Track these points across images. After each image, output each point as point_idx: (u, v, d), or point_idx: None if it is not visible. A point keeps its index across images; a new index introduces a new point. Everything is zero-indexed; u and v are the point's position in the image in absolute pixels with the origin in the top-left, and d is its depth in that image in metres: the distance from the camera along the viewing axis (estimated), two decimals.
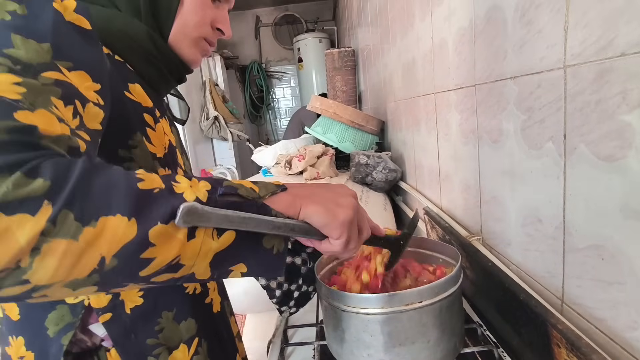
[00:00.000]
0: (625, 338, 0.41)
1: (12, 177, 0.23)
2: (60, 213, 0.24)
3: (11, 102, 0.27)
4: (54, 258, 0.24)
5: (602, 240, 0.42)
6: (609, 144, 0.40)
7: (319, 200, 0.39)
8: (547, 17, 0.48)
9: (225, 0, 0.55)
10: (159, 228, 0.28)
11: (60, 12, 0.35)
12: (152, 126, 0.47)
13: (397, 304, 0.47)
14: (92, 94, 0.35)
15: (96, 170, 0.27)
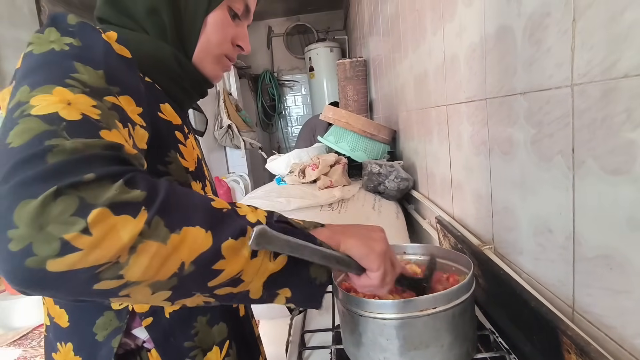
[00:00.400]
0: (634, 345, 0.42)
1: (115, 184, 0.27)
2: (154, 219, 0.28)
3: (95, 121, 0.31)
4: (147, 257, 0.27)
5: (610, 251, 0.44)
6: (615, 159, 0.42)
7: (355, 235, 0.42)
8: (554, 37, 0.51)
9: (245, 18, 0.58)
10: (230, 243, 0.31)
11: (108, 42, 0.39)
12: (184, 142, 0.51)
13: (412, 310, 0.50)
14: (137, 117, 0.39)
15: (177, 187, 0.32)
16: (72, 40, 0.37)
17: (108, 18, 0.51)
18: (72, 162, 0.27)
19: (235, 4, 0.54)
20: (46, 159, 0.26)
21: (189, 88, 0.55)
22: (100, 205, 0.26)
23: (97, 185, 0.26)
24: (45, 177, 0.25)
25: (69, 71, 0.34)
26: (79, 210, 0.25)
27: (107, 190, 0.27)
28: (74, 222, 0.25)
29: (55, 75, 0.33)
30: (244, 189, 3.37)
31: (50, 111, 0.30)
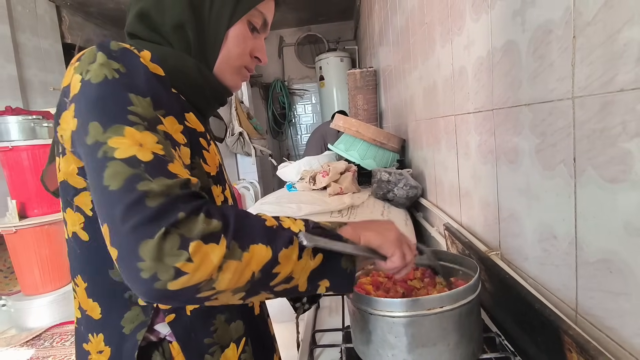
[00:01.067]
0: (632, 344, 0.45)
1: (200, 218, 0.35)
2: (231, 243, 0.36)
3: (162, 157, 0.39)
4: (230, 273, 0.36)
5: (610, 255, 0.47)
6: (613, 167, 0.45)
7: (371, 229, 0.50)
8: (556, 53, 0.54)
9: (263, 31, 0.61)
10: (284, 251, 0.40)
11: (146, 65, 0.44)
12: (207, 148, 0.54)
13: (420, 309, 0.53)
14: (179, 135, 0.45)
15: (239, 212, 0.39)
16: (119, 65, 0.42)
17: (137, 33, 0.55)
18: (166, 205, 0.35)
19: (254, 18, 0.57)
20: (146, 203, 0.35)
21: (210, 97, 0.58)
22: (195, 238, 0.34)
23: (188, 222, 0.35)
24: (153, 219, 0.34)
25: (126, 104, 0.40)
26: (182, 245, 0.34)
27: (196, 225, 0.35)
28: (181, 254, 0.34)
29: (117, 110, 0.40)
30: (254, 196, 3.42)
31: (129, 154, 0.37)
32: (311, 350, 0.69)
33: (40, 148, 2.61)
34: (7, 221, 2.51)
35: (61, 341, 2.51)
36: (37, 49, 3.33)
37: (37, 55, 3.32)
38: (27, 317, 2.61)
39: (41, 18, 3.43)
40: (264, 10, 0.58)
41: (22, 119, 2.55)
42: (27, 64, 3.18)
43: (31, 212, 2.61)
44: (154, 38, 0.55)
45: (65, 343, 2.48)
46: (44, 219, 2.59)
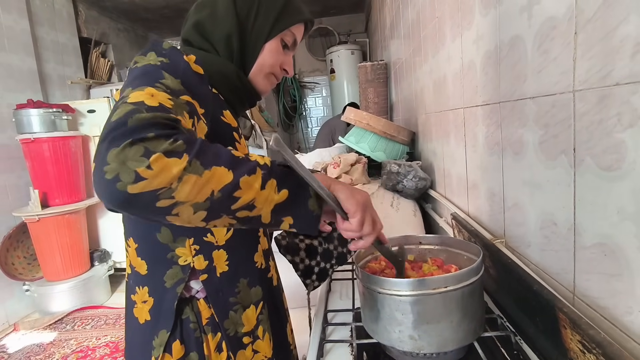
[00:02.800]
0: (623, 322, 0.48)
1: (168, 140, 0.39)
2: (193, 160, 0.40)
3: (168, 108, 0.45)
4: (189, 185, 0.39)
5: (605, 239, 0.50)
6: (609, 157, 0.47)
7: (342, 184, 0.54)
8: (559, 48, 0.56)
9: (292, 48, 0.71)
10: (245, 178, 0.43)
11: (188, 62, 0.54)
12: (239, 141, 0.64)
13: (425, 288, 0.56)
14: (201, 115, 0.53)
15: (209, 144, 0.43)
16: (163, 59, 0.53)
17: (191, 40, 0.66)
18: (142, 125, 0.39)
19: (287, 37, 0.68)
20: (127, 123, 0.39)
21: (244, 99, 0.69)
22: (158, 151, 0.38)
23: (155, 140, 0.39)
24: (125, 134, 0.38)
25: (159, 77, 0.49)
26: (144, 154, 0.37)
27: (162, 144, 0.39)
28: (142, 160, 0.37)
29: (149, 79, 0.48)
30: None
31: (139, 99, 0.43)
32: (323, 328, 0.74)
33: (61, 140, 2.70)
34: (30, 210, 2.62)
35: (82, 325, 2.63)
36: (55, 42, 3.42)
37: (55, 49, 3.41)
38: (49, 302, 2.73)
39: (58, 12, 3.51)
40: (295, 32, 0.69)
41: (44, 111, 2.64)
42: (45, 58, 3.27)
43: (52, 201, 2.72)
44: (204, 46, 0.66)
45: (86, 327, 2.60)
46: (65, 208, 2.69)
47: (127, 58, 4.54)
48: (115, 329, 2.53)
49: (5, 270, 2.64)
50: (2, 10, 2.83)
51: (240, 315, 0.64)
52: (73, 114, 2.90)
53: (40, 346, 2.39)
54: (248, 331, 0.64)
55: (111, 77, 4.19)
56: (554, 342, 0.55)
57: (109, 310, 2.81)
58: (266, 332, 0.67)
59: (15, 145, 2.72)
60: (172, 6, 4.23)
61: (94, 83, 3.76)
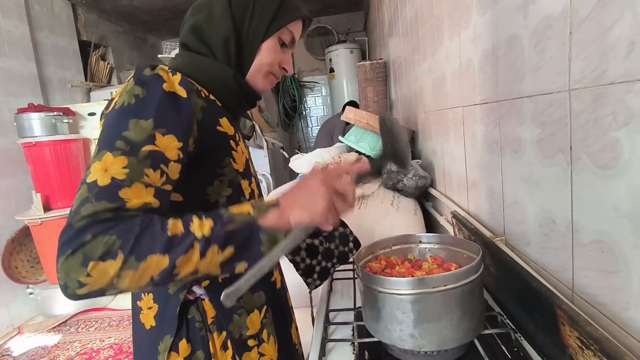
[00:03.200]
0: (621, 318, 0.48)
1: (103, 240, 0.43)
2: (127, 257, 0.43)
3: (120, 182, 0.46)
4: (127, 279, 0.43)
5: (602, 236, 0.50)
6: (605, 155, 0.48)
7: (299, 205, 0.51)
8: (555, 47, 0.57)
9: (290, 46, 0.71)
10: (181, 258, 0.45)
11: (166, 90, 0.52)
12: (235, 149, 0.64)
13: (425, 287, 0.57)
14: (174, 152, 0.51)
15: (146, 229, 0.45)
16: (140, 90, 0.51)
17: (189, 44, 0.66)
18: (82, 228, 0.43)
19: (284, 35, 0.67)
20: (74, 224, 0.43)
21: (243, 101, 0.69)
22: (94, 259, 0.42)
23: (93, 243, 0.42)
24: (69, 240, 0.42)
25: (122, 130, 0.48)
26: (83, 263, 0.42)
27: (98, 247, 0.42)
28: (82, 271, 0.42)
29: (112, 136, 0.48)
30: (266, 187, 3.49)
31: (93, 179, 0.46)
32: (325, 327, 0.75)
33: (62, 143, 2.71)
34: (32, 213, 2.64)
35: (86, 327, 2.64)
36: (55, 46, 3.43)
37: (55, 53, 3.42)
38: (53, 305, 2.75)
39: (58, 16, 3.52)
40: (293, 30, 0.68)
41: (44, 115, 2.65)
42: (45, 62, 3.28)
43: (55, 204, 2.73)
44: (202, 49, 0.65)
45: (90, 329, 2.61)
46: (67, 210, 2.69)
47: (126, 60, 4.55)
48: (119, 330, 2.54)
49: (9, 274, 2.65)
50: (2, 16, 2.84)
51: (244, 319, 0.64)
52: (74, 117, 2.91)
53: (44, 349, 2.41)
54: (253, 334, 0.65)
55: (111, 79, 4.20)
56: (554, 338, 0.56)
57: (112, 312, 2.82)
58: (271, 336, 0.68)
59: (16, 149, 2.74)
60: (170, 7, 4.24)
61: (94, 86, 3.77)
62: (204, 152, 0.58)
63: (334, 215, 0.52)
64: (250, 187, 0.67)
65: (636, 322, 0.46)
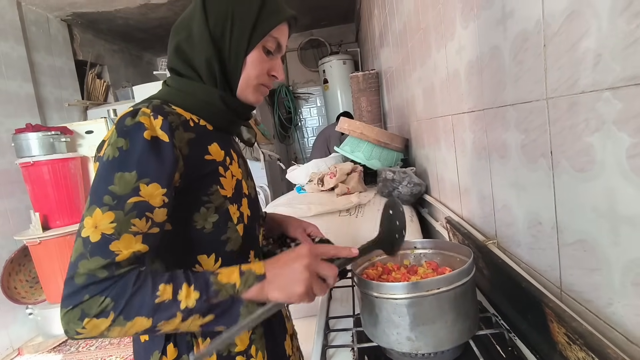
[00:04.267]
0: (606, 313, 0.51)
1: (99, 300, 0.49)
2: (117, 317, 0.50)
3: (109, 237, 0.51)
4: (116, 333, 0.51)
5: (584, 235, 0.53)
6: (581, 159, 0.51)
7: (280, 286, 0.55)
8: (532, 59, 0.60)
9: (277, 53, 0.69)
10: (164, 322, 0.52)
11: (147, 140, 0.54)
12: (224, 175, 0.65)
13: (419, 290, 0.59)
14: (159, 199, 0.54)
15: (137, 292, 0.51)
16: (123, 142, 0.54)
17: (176, 67, 0.66)
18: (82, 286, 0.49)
19: (268, 43, 0.66)
20: (75, 280, 0.49)
21: (235, 118, 0.69)
22: (90, 315, 0.49)
23: (90, 301, 0.49)
24: (71, 295, 0.50)
25: (108, 184, 0.52)
26: (80, 318, 0.49)
27: (94, 306, 0.49)
28: (79, 324, 0.49)
29: (100, 190, 0.52)
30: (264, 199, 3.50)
31: (86, 235, 0.51)
32: (326, 334, 0.76)
33: (60, 162, 2.73)
34: (31, 233, 2.64)
35: (86, 346, 2.62)
36: (52, 67, 3.47)
37: (52, 73, 3.46)
38: (52, 325, 2.73)
39: (54, 37, 3.57)
40: (277, 35, 0.66)
41: (42, 135, 2.67)
42: (42, 82, 3.32)
43: (53, 223, 2.73)
44: (188, 73, 0.65)
45: (90, 348, 2.59)
46: (66, 229, 2.70)
47: (122, 78, 4.60)
48: (120, 348, 2.52)
49: (8, 295, 2.64)
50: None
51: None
52: (71, 136, 2.94)
53: None
54: (241, 351, 0.65)
55: (107, 97, 4.24)
56: (544, 336, 0.58)
57: None
58: (259, 351, 0.67)
59: (15, 169, 2.75)
60: (164, 25, 4.31)
61: (90, 104, 3.81)
62: (190, 182, 0.60)
63: (310, 297, 0.56)
64: (239, 210, 0.67)
65: (619, 316, 0.48)
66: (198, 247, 0.63)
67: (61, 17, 3.65)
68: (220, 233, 0.64)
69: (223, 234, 0.64)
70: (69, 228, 2.72)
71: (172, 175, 0.56)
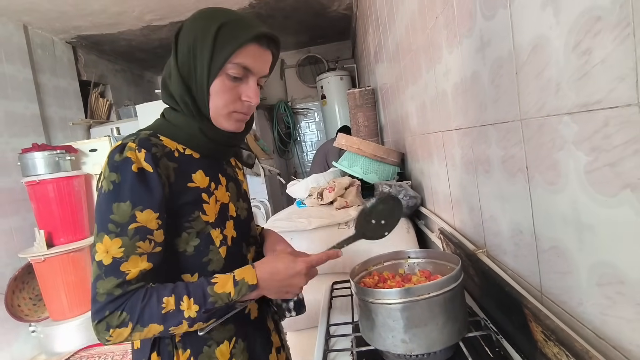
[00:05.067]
0: (577, 312, 0.56)
1: (118, 313, 0.59)
2: (135, 325, 0.60)
3: (119, 260, 0.60)
4: (137, 336, 0.61)
5: (556, 242, 0.59)
6: (550, 173, 0.57)
7: (277, 292, 0.68)
8: (507, 83, 0.67)
9: (248, 76, 0.69)
10: (173, 328, 0.61)
11: (135, 172, 0.61)
12: (207, 201, 0.70)
13: (411, 296, 0.65)
14: (154, 222, 0.62)
15: (146, 305, 0.60)
16: (115, 176, 0.61)
17: (164, 100, 0.73)
18: (104, 304, 0.59)
19: (229, 70, 0.66)
20: (97, 299, 0.59)
21: (219, 145, 0.73)
22: (113, 327, 0.59)
23: (111, 316, 0.59)
24: (97, 311, 0.60)
25: (109, 213, 0.60)
26: (107, 329, 0.59)
27: (115, 319, 0.59)
28: (106, 333, 0.60)
29: (104, 219, 0.60)
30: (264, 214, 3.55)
31: (100, 259, 0.60)
32: (326, 340, 0.81)
33: (65, 180, 2.79)
34: (35, 250, 2.68)
35: None
36: (57, 88, 3.57)
37: (57, 94, 3.55)
38: (56, 342, 2.74)
39: (59, 59, 3.68)
40: (240, 60, 0.66)
41: (48, 154, 2.74)
42: (47, 103, 3.41)
43: (57, 240, 2.78)
44: (174, 105, 0.71)
45: None
46: (70, 246, 2.75)
47: (124, 96, 4.71)
48: None
49: (11, 312, 2.66)
50: (6, 61, 2.98)
51: (214, 350, 0.70)
52: (76, 154, 3.01)
53: None
54: None
55: (110, 115, 4.33)
56: (526, 336, 0.63)
57: (115, 346, 2.82)
58: None
59: (20, 188, 2.81)
60: (165, 46, 4.43)
61: (94, 123, 3.90)
62: (174, 209, 0.66)
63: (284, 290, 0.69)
64: (222, 233, 0.72)
65: (588, 314, 0.54)
66: (182, 267, 0.69)
67: (66, 39, 3.77)
68: (202, 256, 0.70)
69: (204, 256, 0.70)
70: (73, 245, 2.77)
71: (162, 200, 0.63)
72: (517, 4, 0.60)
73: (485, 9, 0.72)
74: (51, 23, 3.33)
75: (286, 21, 4.21)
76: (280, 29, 4.43)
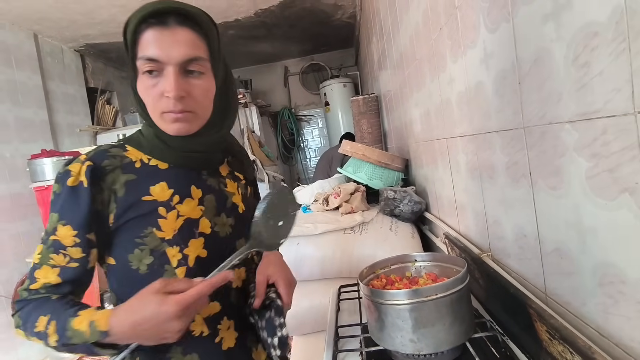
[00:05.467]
0: (581, 312, 0.59)
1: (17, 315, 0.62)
2: (24, 332, 0.61)
3: (36, 265, 0.62)
4: (34, 340, 0.60)
5: (559, 245, 0.61)
6: (553, 179, 0.60)
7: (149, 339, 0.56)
8: (510, 93, 0.70)
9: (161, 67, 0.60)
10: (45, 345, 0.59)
11: (69, 186, 0.61)
12: (164, 216, 0.64)
13: (420, 297, 0.67)
14: (70, 239, 0.61)
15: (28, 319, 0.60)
16: (56, 187, 0.62)
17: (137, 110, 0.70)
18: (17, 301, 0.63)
19: (140, 66, 0.61)
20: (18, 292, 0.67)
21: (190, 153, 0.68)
22: (15, 326, 0.62)
23: (16, 316, 0.62)
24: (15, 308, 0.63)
25: (48, 221, 0.63)
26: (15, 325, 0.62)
27: (16, 317, 0.62)
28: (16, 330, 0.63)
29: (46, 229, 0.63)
30: None
31: (34, 261, 0.63)
32: (335, 341, 0.84)
33: None
34: None
35: None
36: (65, 94, 3.63)
37: (65, 101, 3.61)
38: None
39: (68, 67, 3.75)
40: (142, 53, 0.60)
41: (56, 159, 2.79)
42: (56, 109, 3.47)
43: None
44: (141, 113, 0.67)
45: None
46: None
47: (130, 103, 4.77)
48: None
49: None
50: (17, 69, 3.05)
51: None
52: None
53: None
54: None
55: (116, 122, 4.39)
56: (532, 336, 0.65)
57: None
58: None
59: (28, 193, 2.85)
60: None
61: (100, 129, 3.95)
62: (124, 223, 0.63)
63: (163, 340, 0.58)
64: (182, 253, 0.65)
65: (592, 314, 0.56)
66: (138, 284, 0.59)
67: (75, 47, 3.84)
68: (157, 275, 0.64)
69: (159, 276, 0.63)
70: None
71: (88, 217, 0.61)
72: (519, 18, 0.64)
73: (489, 22, 0.76)
74: (61, 32, 3.40)
75: (291, 30, 4.27)
76: (285, 37, 4.50)
